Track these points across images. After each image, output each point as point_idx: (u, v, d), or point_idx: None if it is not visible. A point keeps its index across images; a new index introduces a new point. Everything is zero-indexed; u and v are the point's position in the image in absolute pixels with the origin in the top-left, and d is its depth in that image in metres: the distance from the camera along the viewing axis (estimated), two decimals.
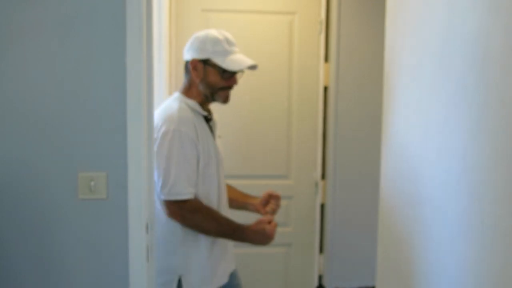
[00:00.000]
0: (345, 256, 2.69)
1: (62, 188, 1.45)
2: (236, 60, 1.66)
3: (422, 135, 1.34)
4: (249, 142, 2.64)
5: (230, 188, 1.89)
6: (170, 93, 2.47)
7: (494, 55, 1.01)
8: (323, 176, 2.73)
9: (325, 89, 2.67)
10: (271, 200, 1.83)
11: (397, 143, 1.53)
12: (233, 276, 1.80)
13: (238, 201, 1.89)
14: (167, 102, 1.72)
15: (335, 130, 2.64)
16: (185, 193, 1.58)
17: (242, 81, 2.47)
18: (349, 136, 2.65)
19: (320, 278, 2.76)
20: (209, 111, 1.74)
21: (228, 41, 1.68)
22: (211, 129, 1.72)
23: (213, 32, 1.69)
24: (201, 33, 1.70)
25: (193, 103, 1.67)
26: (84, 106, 1.44)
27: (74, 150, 1.45)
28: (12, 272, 1.46)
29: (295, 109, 2.65)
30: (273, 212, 1.82)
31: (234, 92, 2.22)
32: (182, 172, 1.57)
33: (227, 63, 1.65)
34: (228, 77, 1.67)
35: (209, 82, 1.67)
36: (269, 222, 1.66)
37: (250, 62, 1.67)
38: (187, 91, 1.72)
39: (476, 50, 1.07)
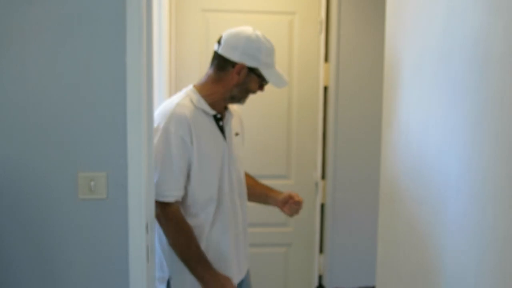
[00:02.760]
0: (345, 256, 2.69)
1: (62, 188, 1.45)
2: (278, 76, 1.64)
3: (422, 135, 1.34)
4: (249, 142, 2.62)
5: (253, 181, 1.87)
6: (170, 93, 2.47)
7: (495, 55, 1.01)
8: (323, 176, 2.73)
9: (325, 89, 2.66)
10: (291, 203, 1.78)
11: (397, 143, 1.53)
12: (242, 282, 1.74)
13: (261, 193, 1.86)
14: (176, 94, 1.67)
15: (335, 130, 2.64)
16: (165, 196, 1.54)
17: None
18: (349, 136, 2.65)
19: (320, 278, 2.76)
20: (220, 110, 1.65)
21: (274, 52, 1.64)
22: (222, 128, 1.65)
23: (264, 40, 1.61)
24: (252, 36, 1.59)
25: (200, 101, 1.59)
26: (84, 106, 1.44)
27: (74, 150, 1.45)
28: (12, 272, 1.46)
29: (295, 109, 2.65)
30: (292, 214, 1.80)
31: None
32: (166, 173, 1.54)
33: (272, 78, 1.62)
34: (261, 85, 1.65)
35: (248, 88, 1.63)
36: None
37: (285, 80, 1.66)
38: (205, 85, 1.63)
39: (476, 49, 1.07)
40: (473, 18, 1.09)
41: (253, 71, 1.60)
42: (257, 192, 1.86)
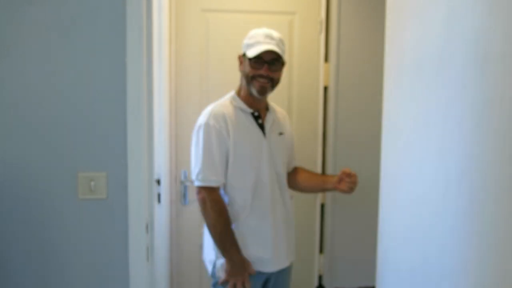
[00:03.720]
0: (345, 256, 2.69)
1: (62, 188, 1.45)
2: (257, 48, 1.76)
3: (422, 134, 1.34)
4: None
5: (308, 174, 2.08)
6: (170, 93, 2.48)
7: (495, 55, 1.01)
8: None
9: (325, 89, 2.66)
10: (345, 178, 1.91)
11: (397, 143, 1.53)
12: (282, 272, 1.93)
13: (317, 183, 2.06)
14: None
15: (335, 130, 2.64)
16: (209, 181, 1.74)
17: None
18: (349, 136, 2.65)
19: (320, 278, 2.76)
20: (258, 108, 1.85)
21: (266, 36, 1.79)
22: (262, 125, 1.85)
23: (260, 29, 1.83)
24: (252, 31, 1.85)
25: (237, 100, 1.83)
26: (84, 106, 1.44)
27: (74, 150, 1.45)
28: (12, 272, 1.46)
29: (295, 109, 2.64)
30: (349, 189, 1.91)
31: None
32: (207, 161, 1.74)
33: (250, 52, 1.77)
34: (256, 66, 1.77)
35: (244, 72, 1.81)
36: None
37: (263, 48, 1.75)
38: (239, 88, 1.87)
39: (477, 49, 1.07)
40: (473, 18, 1.09)
41: (244, 56, 1.81)
42: (313, 183, 2.06)
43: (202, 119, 1.78)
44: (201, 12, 2.51)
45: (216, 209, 1.74)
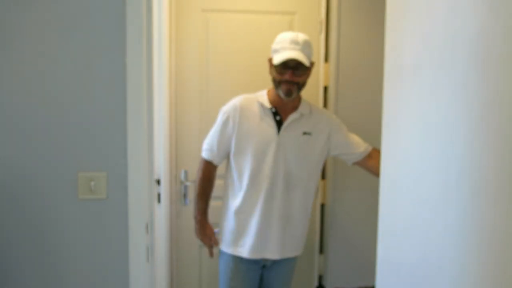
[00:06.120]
0: (345, 256, 2.69)
1: (62, 188, 1.45)
2: (281, 55, 1.89)
3: (422, 134, 1.34)
4: None
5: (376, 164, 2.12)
6: (170, 93, 2.48)
7: (495, 54, 1.01)
8: (323, 176, 2.72)
9: (325, 89, 2.66)
10: None
11: (397, 143, 1.53)
12: (277, 263, 2.11)
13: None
14: None
15: None
16: (205, 153, 2.05)
17: (242, 81, 2.48)
18: None
19: (320, 278, 2.76)
20: (280, 105, 2.00)
21: (291, 41, 1.91)
22: (279, 121, 1.99)
23: (287, 32, 1.97)
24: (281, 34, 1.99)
25: (262, 96, 2.02)
26: (84, 106, 1.44)
27: (74, 150, 1.45)
28: (12, 272, 1.46)
29: None
30: None
31: (234, 93, 2.20)
32: (209, 139, 2.05)
33: (274, 58, 1.91)
34: (281, 71, 1.92)
35: (272, 76, 1.99)
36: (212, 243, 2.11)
37: (287, 55, 1.87)
38: (272, 87, 2.04)
39: (477, 50, 1.07)
40: (474, 18, 1.09)
41: (271, 60, 1.95)
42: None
43: (226, 105, 2.04)
44: (201, 12, 2.51)
45: (200, 176, 2.06)
